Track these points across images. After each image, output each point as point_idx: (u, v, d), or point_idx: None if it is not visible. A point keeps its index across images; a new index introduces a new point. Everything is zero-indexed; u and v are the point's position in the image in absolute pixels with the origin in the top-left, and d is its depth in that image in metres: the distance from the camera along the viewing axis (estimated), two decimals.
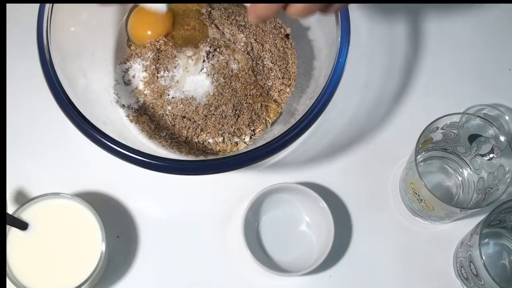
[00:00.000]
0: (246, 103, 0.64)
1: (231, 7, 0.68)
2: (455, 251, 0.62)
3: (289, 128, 0.54)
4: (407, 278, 0.62)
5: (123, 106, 0.65)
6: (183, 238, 0.63)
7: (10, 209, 0.62)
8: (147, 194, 0.65)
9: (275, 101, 0.66)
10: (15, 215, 0.55)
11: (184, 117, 0.63)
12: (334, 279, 0.62)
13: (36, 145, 0.67)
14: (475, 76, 0.70)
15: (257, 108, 0.64)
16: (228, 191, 0.65)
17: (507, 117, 0.66)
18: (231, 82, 0.63)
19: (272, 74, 0.66)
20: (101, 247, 0.56)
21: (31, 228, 0.56)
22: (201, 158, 0.62)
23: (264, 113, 0.65)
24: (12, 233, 0.56)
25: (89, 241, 0.56)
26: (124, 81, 0.66)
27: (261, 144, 0.54)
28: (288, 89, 0.66)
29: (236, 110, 0.63)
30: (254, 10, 0.43)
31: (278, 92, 0.66)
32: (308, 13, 0.43)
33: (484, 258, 0.52)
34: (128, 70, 0.66)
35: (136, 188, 0.65)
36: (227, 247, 0.63)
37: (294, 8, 0.42)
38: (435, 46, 0.71)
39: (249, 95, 0.64)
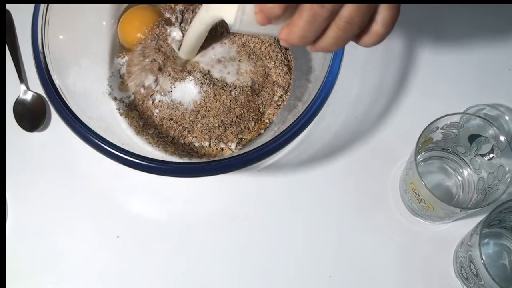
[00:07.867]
0: (236, 118, 0.63)
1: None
2: (455, 251, 0.62)
3: (274, 136, 0.54)
4: (407, 278, 0.62)
5: (115, 98, 0.65)
6: (183, 238, 0.63)
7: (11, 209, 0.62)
8: (147, 194, 0.65)
9: (268, 118, 0.65)
10: None
11: (171, 119, 0.63)
12: (334, 279, 0.62)
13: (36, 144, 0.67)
14: (475, 76, 0.70)
15: (247, 122, 0.64)
16: (227, 191, 0.65)
17: (507, 117, 0.66)
18: (221, 96, 0.62)
19: (269, 96, 0.65)
20: None
21: None
22: (185, 159, 0.62)
23: (254, 126, 0.65)
24: None
25: None
26: (119, 74, 0.66)
27: (248, 150, 0.54)
28: (280, 110, 0.66)
29: (225, 124, 0.63)
30: (262, 10, 0.39)
31: (272, 115, 0.66)
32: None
33: (484, 258, 0.52)
34: (124, 64, 0.66)
35: (136, 188, 0.65)
36: (226, 247, 0.63)
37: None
38: (434, 46, 0.71)
39: (242, 112, 0.63)
